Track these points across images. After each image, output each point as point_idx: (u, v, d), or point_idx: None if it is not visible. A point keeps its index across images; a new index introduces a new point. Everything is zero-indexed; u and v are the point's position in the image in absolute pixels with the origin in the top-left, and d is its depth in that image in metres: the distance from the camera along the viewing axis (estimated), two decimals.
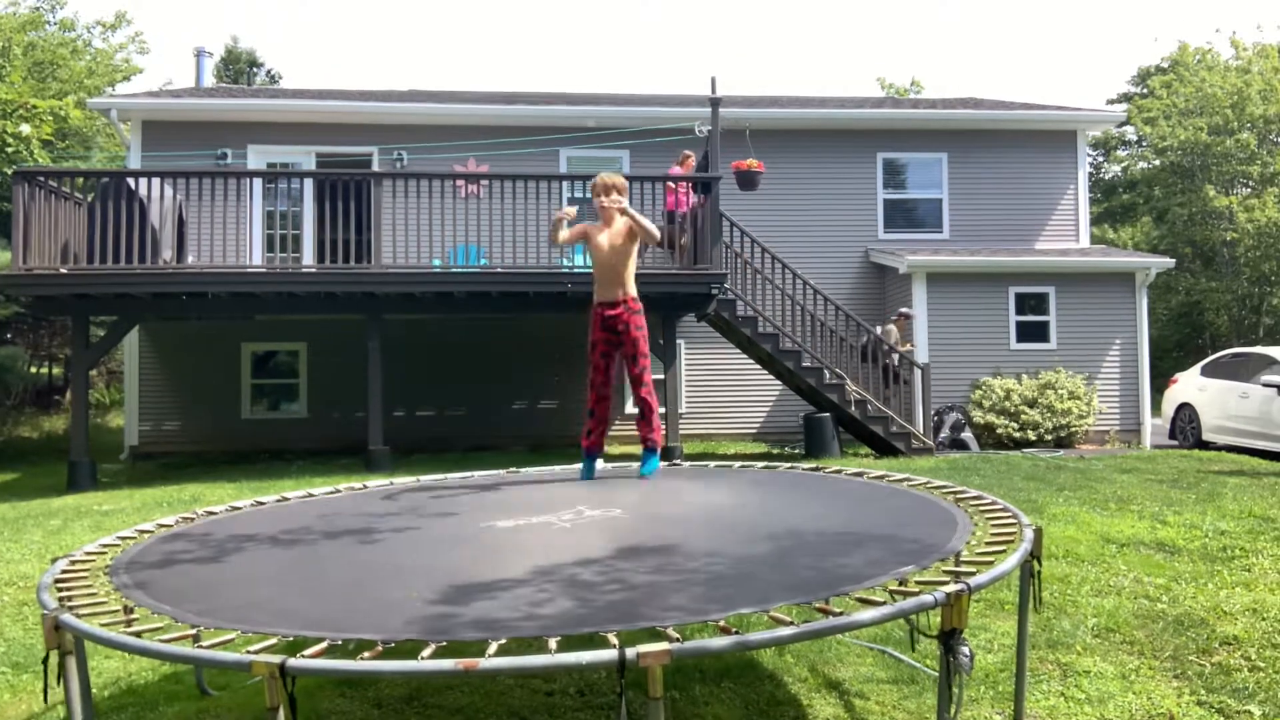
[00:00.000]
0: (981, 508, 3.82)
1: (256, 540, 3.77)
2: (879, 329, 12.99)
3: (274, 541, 3.75)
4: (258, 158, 14.26)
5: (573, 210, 5.13)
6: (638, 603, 2.73)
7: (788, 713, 3.72)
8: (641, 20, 71.05)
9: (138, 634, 2.58)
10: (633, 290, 5.09)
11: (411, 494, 4.96)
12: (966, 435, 12.98)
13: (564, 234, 5.11)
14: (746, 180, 12.46)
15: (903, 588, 2.76)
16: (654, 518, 4.12)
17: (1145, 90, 30.53)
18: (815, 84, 55.67)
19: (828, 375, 12.01)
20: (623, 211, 5.00)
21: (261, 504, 4.75)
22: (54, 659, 2.71)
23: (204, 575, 3.29)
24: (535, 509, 4.17)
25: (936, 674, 3.31)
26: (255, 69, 35.24)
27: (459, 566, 3.26)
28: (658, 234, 5.13)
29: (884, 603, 2.58)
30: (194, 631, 2.58)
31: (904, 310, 13.52)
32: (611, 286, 5.07)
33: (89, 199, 11.02)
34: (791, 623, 2.40)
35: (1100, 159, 34.00)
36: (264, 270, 12.08)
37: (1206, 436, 13.22)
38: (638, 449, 5.48)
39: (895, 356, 12.40)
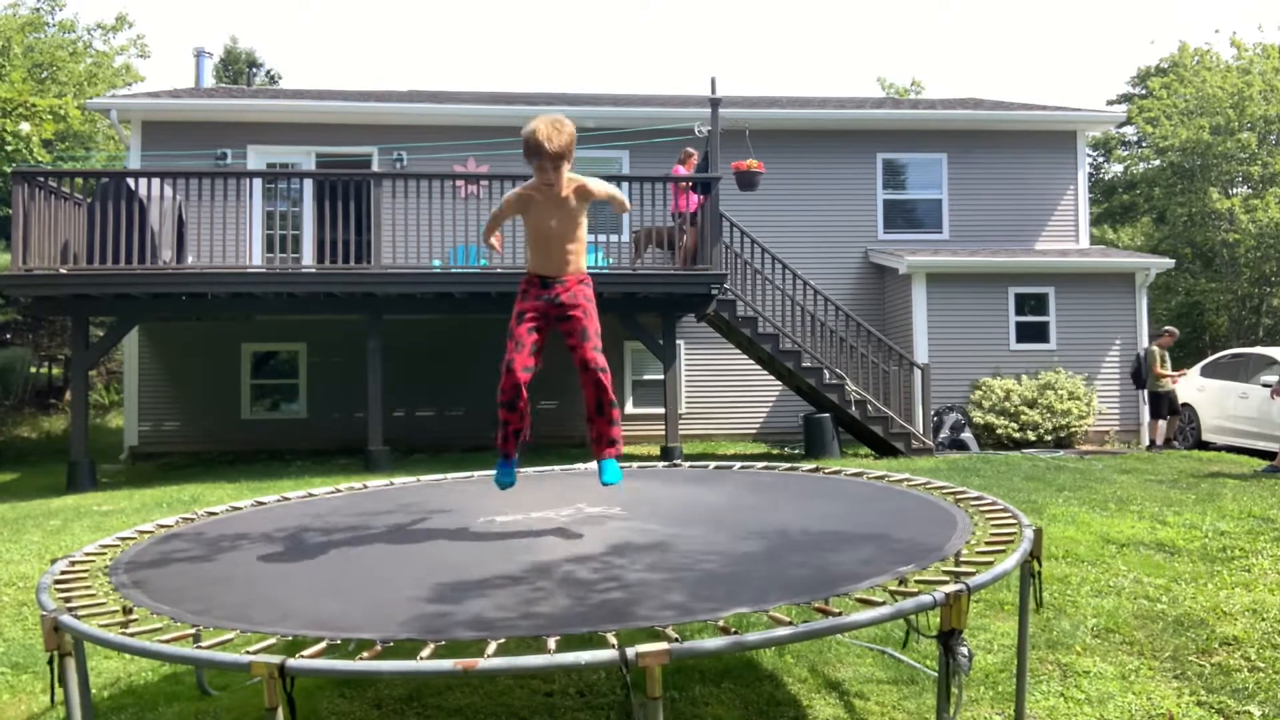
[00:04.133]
0: (981, 508, 3.81)
1: (256, 540, 3.77)
2: (1142, 350, 12.72)
3: (273, 542, 3.75)
4: (257, 158, 14.26)
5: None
6: (635, 602, 2.73)
7: (787, 713, 3.72)
8: (641, 20, 71.07)
9: (137, 634, 2.58)
10: (584, 264, 3.86)
11: (411, 494, 4.96)
12: (966, 436, 12.98)
13: (496, 237, 4.03)
14: (746, 180, 12.46)
15: (902, 588, 2.76)
16: (652, 522, 4.11)
17: (1145, 91, 30.50)
18: (815, 84, 55.73)
19: (828, 375, 12.02)
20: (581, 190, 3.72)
21: (262, 504, 4.74)
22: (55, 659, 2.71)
23: (203, 575, 3.29)
24: (534, 508, 4.17)
25: (936, 674, 3.31)
26: (255, 69, 35.24)
27: (459, 566, 3.26)
28: (628, 203, 4.11)
29: (883, 603, 2.58)
30: (193, 631, 2.58)
31: (1169, 328, 13.17)
32: (555, 260, 3.77)
33: (89, 199, 11.02)
34: (790, 623, 2.40)
35: (1100, 159, 33.96)
36: (264, 270, 12.08)
37: (1206, 437, 13.23)
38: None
39: (1166, 382, 12.43)
